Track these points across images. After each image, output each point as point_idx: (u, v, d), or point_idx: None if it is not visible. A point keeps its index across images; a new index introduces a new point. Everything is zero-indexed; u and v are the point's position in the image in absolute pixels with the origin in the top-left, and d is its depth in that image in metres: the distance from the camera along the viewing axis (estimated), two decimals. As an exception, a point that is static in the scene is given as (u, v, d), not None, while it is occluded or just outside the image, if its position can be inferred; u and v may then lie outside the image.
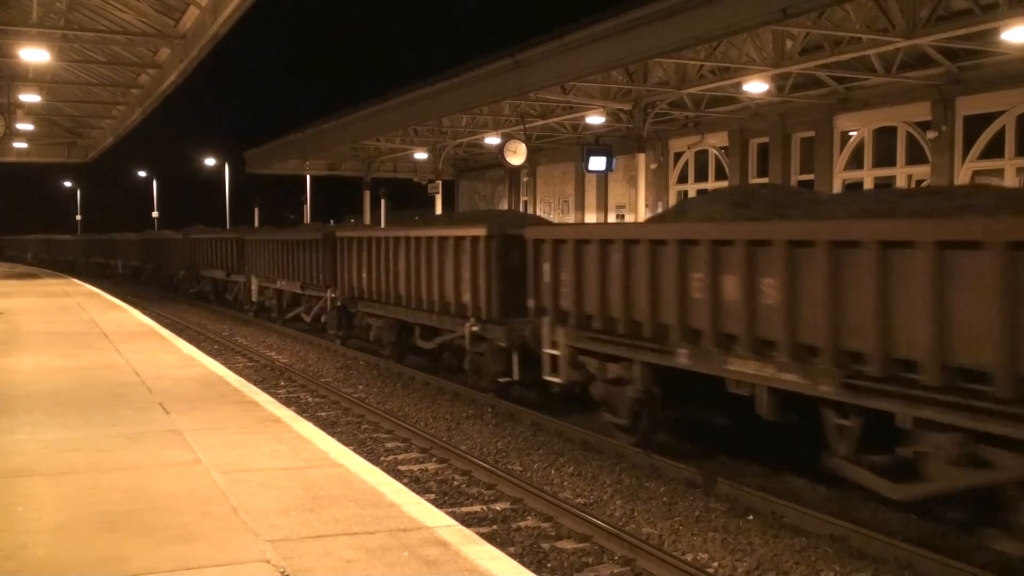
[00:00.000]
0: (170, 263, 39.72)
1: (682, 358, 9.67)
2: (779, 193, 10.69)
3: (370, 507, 6.44)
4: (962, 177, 22.56)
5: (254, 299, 27.72)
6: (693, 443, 11.06)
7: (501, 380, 13.86)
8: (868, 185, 25.39)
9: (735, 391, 9.13)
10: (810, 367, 8.11)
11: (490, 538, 7.42)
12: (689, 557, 7.79)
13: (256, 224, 55.60)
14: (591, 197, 36.86)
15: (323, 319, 21.92)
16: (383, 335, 18.60)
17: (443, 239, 15.52)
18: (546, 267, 12.15)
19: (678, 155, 32.86)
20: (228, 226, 62.02)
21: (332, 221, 59.66)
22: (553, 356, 11.92)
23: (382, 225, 37.01)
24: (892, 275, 7.37)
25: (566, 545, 8.09)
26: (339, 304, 20.70)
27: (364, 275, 19.01)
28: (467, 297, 14.68)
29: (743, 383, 8.99)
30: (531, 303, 12.58)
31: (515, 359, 13.45)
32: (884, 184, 25.18)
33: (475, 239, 14.37)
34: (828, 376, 7.90)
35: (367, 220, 44.44)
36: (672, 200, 32.68)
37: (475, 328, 14.30)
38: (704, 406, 10.69)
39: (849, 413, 8.01)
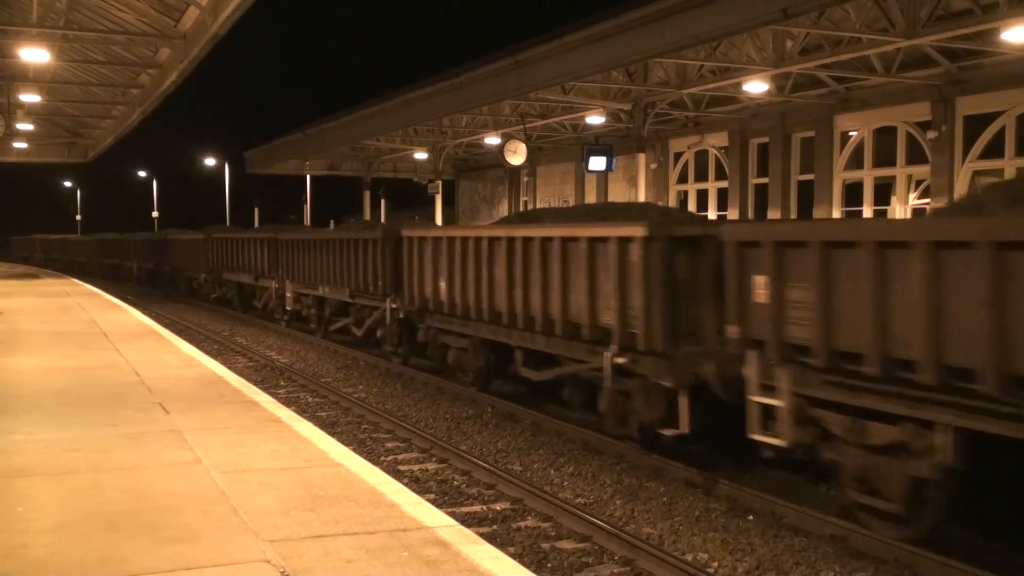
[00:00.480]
0: (190, 265, 36.31)
1: None
2: None
3: (370, 507, 6.44)
4: (962, 177, 22.56)
5: (289, 307, 24.36)
6: (693, 443, 11.04)
7: (663, 431, 10.32)
8: (868, 185, 25.41)
9: None
10: None
11: (490, 538, 7.42)
12: (689, 557, 7.79)
13: (256, 224, 55.62)
14: (591, 197, 36.85)
15: (379, 333, 18.93)
16: (465, 358, 15.21)
17: (570, 240, 11.91)
18: (760, 280, 8.93)
19: (678, 155, 32.85)
20: (228, 226, 62.04)
21: (332, 222, 59.72)
22: (767, 407, 8.84)
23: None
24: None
25: (566, 545, 8.09)
26: (401, 316, 17.59)
27: (441, 283, 15.71)
28: (609, 318, 11.16)
29: None
30: (732, 331, 9.27)
31: (684, 404, 10.01)
32: (884, 184, 25.21)
33: (626, 241, 10.77)
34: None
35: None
36: (672, 200, 32.70)
37: (620, 359, 10.92)
38: None
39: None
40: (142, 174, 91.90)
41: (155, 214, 78.44)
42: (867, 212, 25.16)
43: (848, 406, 8.03)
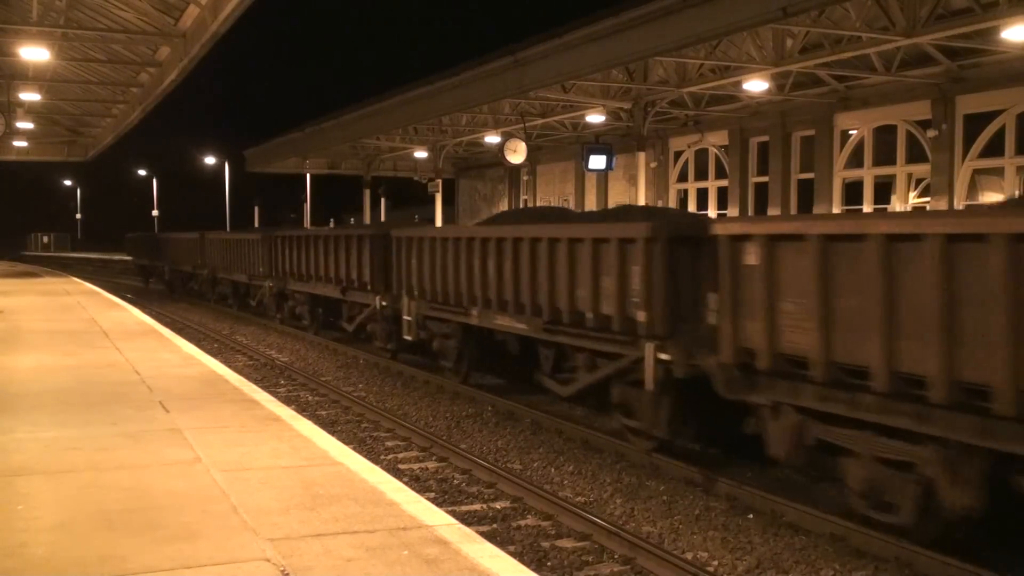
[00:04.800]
0: (240, 271, 29.41)
1: None
2: None
3: (370, 505, 6.44)
4: (962, 176, 22.57)
5: (410, 335, 16.70)
6: (693, 442, 11.05)
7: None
8: (868, 184, 25.41)
9: None
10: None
11: (490, 537, 7.42)
12: (689, 556, 7.79)
13: (256, 223, 55.62)
14: (591, 196, 36.86)
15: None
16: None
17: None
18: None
19: (678, 154, 32.85)
20: (228, 226, 61.97)
21: (332, 221, 59.74)
22: None
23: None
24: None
25: (566, 544, 8.09)
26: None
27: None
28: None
29: None
30: None
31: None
32: (884, 182, 25.21)
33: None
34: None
35: (367, 219, 44.47)
36: (672, 199, 32.70)
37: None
38: None
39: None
40: (142, 173, 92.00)
41: (155, 213, 78.48)
42: (867, 211, 25.16)
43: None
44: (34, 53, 21.61)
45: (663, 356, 10.04)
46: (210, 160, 73.11)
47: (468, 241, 14.42)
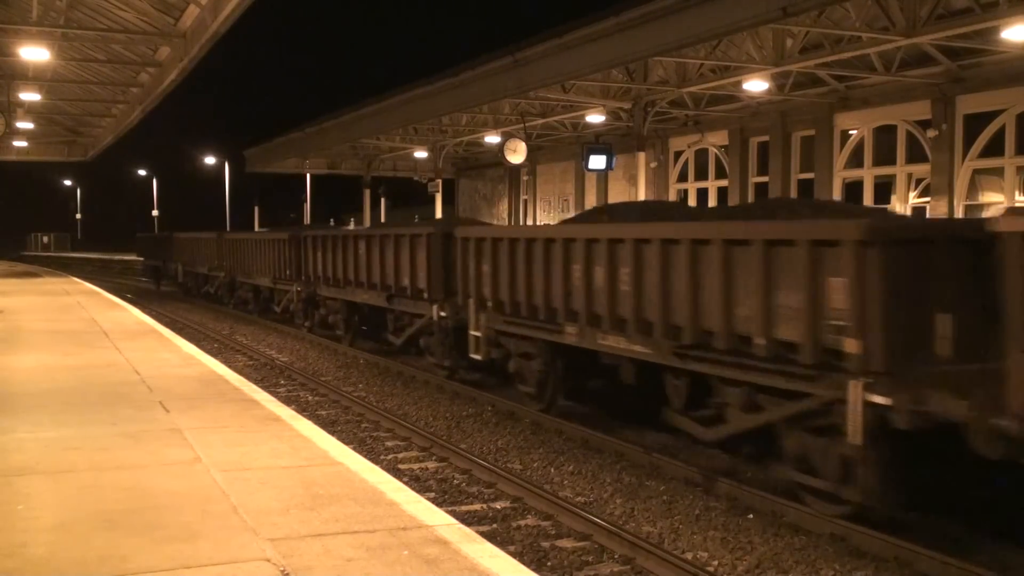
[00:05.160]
0: (263, 274, 26.91)
1: None
2: None
3: (370, 505, 6.44)
4: (962, 176, 22.56)
5: (478, 354, 14.22)
6: (693, 442, 11.04)
7: None
8: (868, 184, 25.41)
9: None
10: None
11: (490, 536, 7.42)
12: (689, 556, 7.78)
13: (256, 223, 55.55)
14: (591, 196, 36.86)
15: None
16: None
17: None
18: None
19: (678, 154, 32.85)
20: (228, 226, 61.90)
21: (332, 220, 59.76)
22: None
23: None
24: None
25: (566, 544, 8.09)
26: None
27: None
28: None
29: None
30: None
31: None
32: (884, 182, 25.21)
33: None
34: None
35: (367, 219, 44.45)
36: (672, 199, 32.68)
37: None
38: None
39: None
40: (142, 173, 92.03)
41: (155, 213, 78.51)
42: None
43: None
44: (34, 53, 21.61)
45: (878, 399, 7.69)
46: (210, 160, 73.12)
47: (566, 243, 11.87)
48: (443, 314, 15.60)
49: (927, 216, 22.74)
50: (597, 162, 27.54)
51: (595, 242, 11.29)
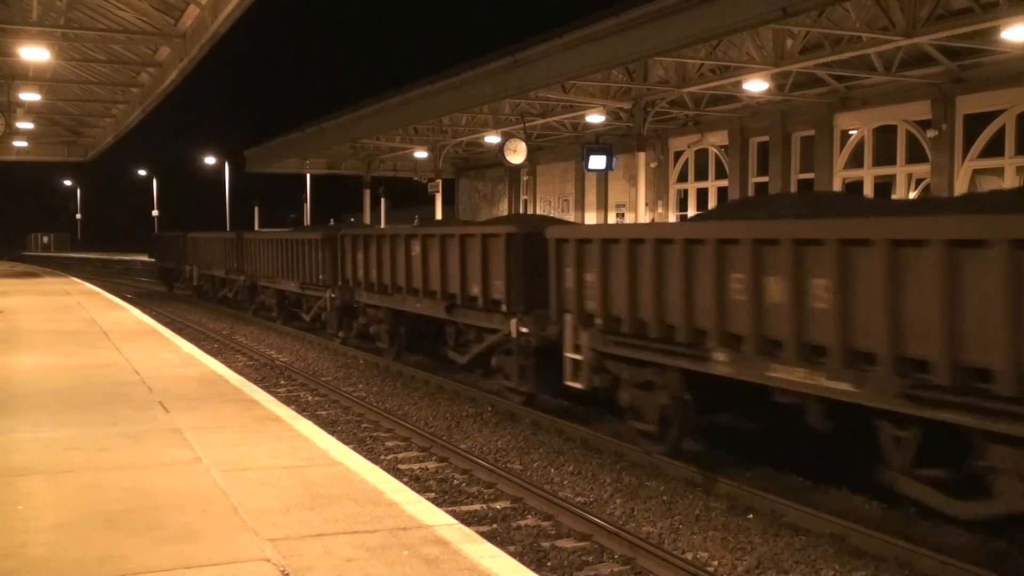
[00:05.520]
0: (290, 278, 24.25)
1: None
2: None
3: (370, 506, 6.44)
4: (962, 176, 22.56)
5: (579, 382, 11.77)
6: (693, 442, 11.04)
7: None
8: (868, 184, 25.41)
9: None
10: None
11: (490, 537, 7.42)
12: (689, 556, 7.78)
13: (256, 223, 55.57)
14: (591, 196, 36.88)
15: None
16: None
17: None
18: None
19: (678, 154, 32.86)
20: (229, 226, 61.92)
21: (332, 220, 59.76)
22: None
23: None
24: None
25: (566, 544, 8.09)
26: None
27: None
28: None
29: None
30: None
31: None
32: (884, 182, 25.21)
33: None
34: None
35: (367, 219, 44.48)
36: (672, 199, 32.71)
37: None
38: None
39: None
40: (142, 173, 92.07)
41: (155, 213, 78.53)
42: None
43: None
44: (34, 53, 21.61)
45: None
46: (210, 160, 73.15)
47: (721, 246, 9.15)
48: (524, 330, 13.05)
49: None
50: (597, 162, 27.55)
51: (770, 245, 8.58)
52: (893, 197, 24.71)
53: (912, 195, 24.47)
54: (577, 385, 11.67)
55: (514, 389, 13.64)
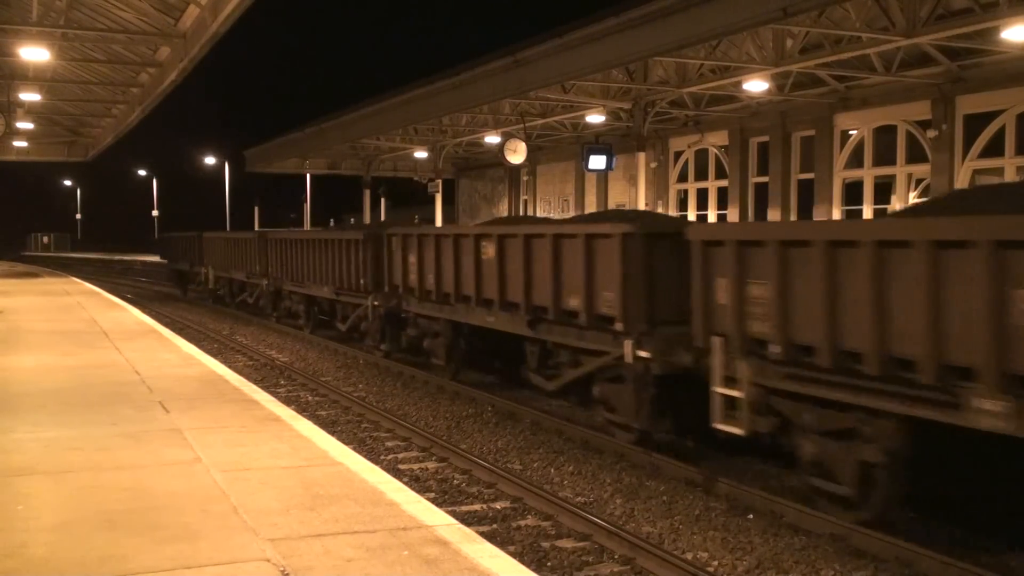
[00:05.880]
0: (321, 283, 21.82)
1: None
2: None
3: (370, 506, 6.44)
4: (962, 176, 22.56)
5: (737, 427, 9.44)
6: (693, 442, 11.04)
7: None
8: (868, 184, 25.40)
9: None
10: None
11: (490, 537, 7.42)
12: (689, 556, 7.78)
13: (256, 223, 55.63)
14: (591, 196, 36.87)
15: None
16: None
17: None
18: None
19: (678, 154, 32.85)
20: (228, 226, 61.95)
21: (332, 220, 59.81)
22: None
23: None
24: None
25: (566, 544, 8.09)
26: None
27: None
28: None
29: None
30: None
31: None
32: (884, 183, 25.20)
33: None
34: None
35: (367, 219, 44.47)
36: (672, 199, 32.70)
37: None
38: None
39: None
40: (142, 173, 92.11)
41: (155, 213, 78.57)
42: (867, 211, 25.17)
43: None
44: (34, 53, 21.61)
45: None
46: (210, 160, 73.17)
47: (1004, 249, 6.73)
48: (644, 354, 10.62)
49: None
50: (597, 162, 27.55)
51: None
52: (893, 197, 24.75)
53: (912, 195, 24.48)
54: (734, 430, 9.35)
55: (626, 425, 11.20)
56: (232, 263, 30.37)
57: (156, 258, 64.31)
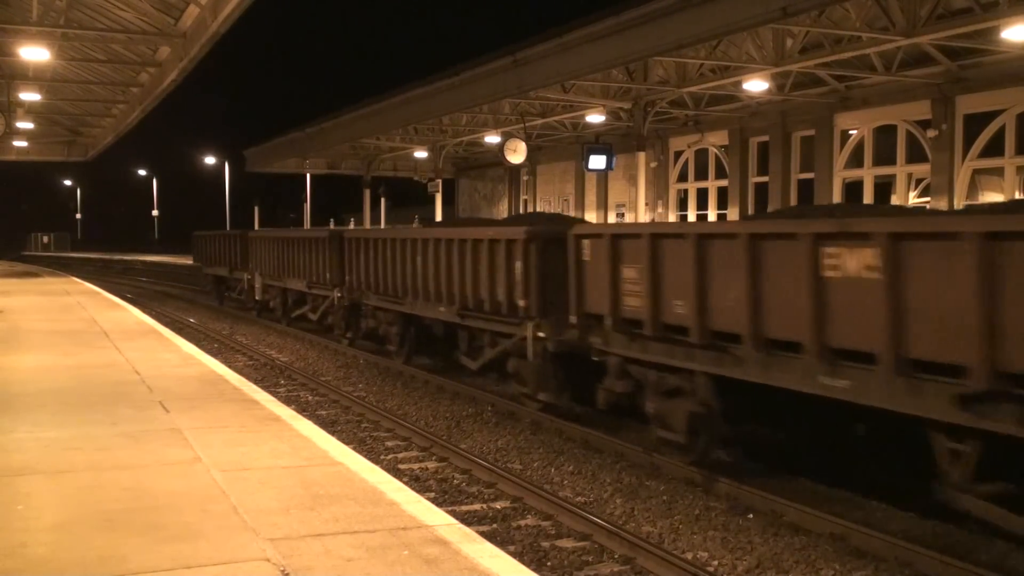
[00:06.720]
0: (435, 300, 16.02)
1: None
2: None
3: (370, 505, 6.44)
4: (962, 176, 22.57)
5: None
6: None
7: None
8: (868, 184, 25.41)
9: None
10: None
11: (490, 536, 7.42)
12: (689, 556, 7.78)
13: (256, 223, 55.61)
14: (591, 196, 36.88)
15: None
16: None
17: None
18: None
19: (678, 154, 32.86)
20: (228, 226, 61.96)
21: (332, 220, 59.83)
22: None
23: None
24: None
25: (566, 544, 8.09)
26: None
27: None
28: None
29: None
30: None
31: None
32: (884, 182, 25.21)
33: None
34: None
35: (367, 219, 44.47)
36: (672, 199, 32.70)
37: None
38: None
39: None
40: (142, 173, 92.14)
41: (155, 212, 78.58)
42: (867, 211, 25.17)
43: None
44: (34, 53, 21.61)
45: None
46: (210, 160, 73.20)
47: None
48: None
49: None
50: (597, 162, 27.56)
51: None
52: (893, 197, 24.76)
53: (912, 195, 24.49)
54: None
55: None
56: (287, 269, 24.62)
57: (157, 258, 64.51)
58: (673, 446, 10.10)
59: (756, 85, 23.07)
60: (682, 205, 32.60)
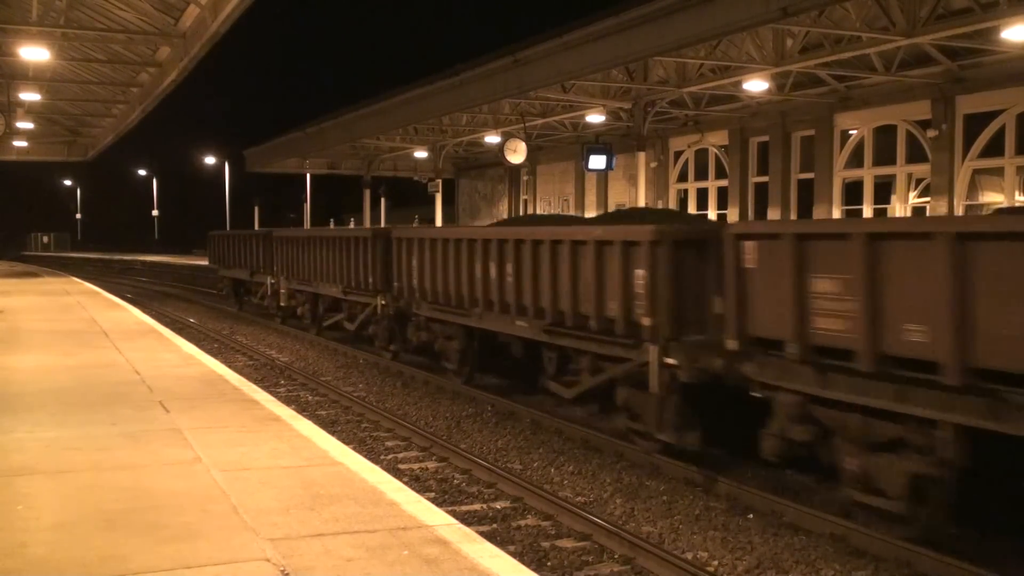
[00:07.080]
0: (517, 314, 13.33)
1: None
2: None
3: (370, 505, 6.44)
4: (962, 176, 22.57)
5: None
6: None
7: None
8: (868, 184, 25.41)
9: None
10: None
11: (490, 536, 7.42)
12: (689, 555, 7.78)
13: (256, 223, 55.59)
14: (591, 196, 36.88)
15: None
16: None
17: None
18: None
19: (678, 154, 32.87)
20: (228, 226, 61.96)
21: (332, 221, 59.84)
22: None
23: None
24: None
25: (566, 544, 8.09)
26: None
27: None
28: None
29: None
30: None
31: None
32: (884, 182, 25.21)
33: None
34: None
35: (367, 219, 44.46)
36: (672, 199, 32.70)
37: None
38: None
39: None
40: (142, 173, 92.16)
41: (155, 212, 78.60)
42: (867, 211, 25.18)
43: None
44: (34, 53, 21.62)
45: None
46: (210, 160, 73.21)
47: None
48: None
49: None
50: (597, 162, 27.57)
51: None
52: (893, 197, 24.76)
53: (912, 195, 24.49)
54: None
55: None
56: (319, 273, 22.03)
57: (156, 257, 64.49)
58: (878, 514, 8.02)
59: (756, 85, 23.08)
60: (682, 205, 32.60)
